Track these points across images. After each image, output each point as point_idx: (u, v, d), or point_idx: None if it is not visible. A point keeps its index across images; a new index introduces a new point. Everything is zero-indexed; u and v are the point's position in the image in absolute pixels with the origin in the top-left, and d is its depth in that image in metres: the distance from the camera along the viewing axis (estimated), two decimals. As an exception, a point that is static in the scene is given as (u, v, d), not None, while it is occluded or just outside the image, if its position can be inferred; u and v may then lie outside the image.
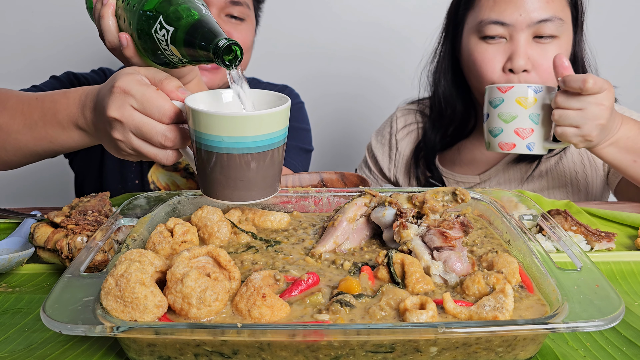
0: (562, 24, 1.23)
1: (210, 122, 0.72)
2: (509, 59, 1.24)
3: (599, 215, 1.08)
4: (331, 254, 0.76)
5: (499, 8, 1.23)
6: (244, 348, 0.59)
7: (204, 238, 0.79)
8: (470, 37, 1.30)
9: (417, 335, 0.56)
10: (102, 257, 0.78)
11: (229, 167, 0.74)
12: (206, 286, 0.60)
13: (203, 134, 0.73)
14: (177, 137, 0.79)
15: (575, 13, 1.28)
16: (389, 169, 1.56)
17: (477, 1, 1.28)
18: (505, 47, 1.25)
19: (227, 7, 1.36)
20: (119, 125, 0.79)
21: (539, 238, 0.89)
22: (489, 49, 1.26)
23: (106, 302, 0.59)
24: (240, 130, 0.71)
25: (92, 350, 0.67)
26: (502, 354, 0.60)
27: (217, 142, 0.72)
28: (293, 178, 1.11)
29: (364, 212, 0.81)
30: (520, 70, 1.23)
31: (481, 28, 1.26)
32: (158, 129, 0.78)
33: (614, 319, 0.56)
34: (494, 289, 0.63)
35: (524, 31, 1.22)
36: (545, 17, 1.21)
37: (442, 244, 0.70)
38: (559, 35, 1.24)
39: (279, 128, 0.75)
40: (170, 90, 0.80)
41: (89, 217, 0.89)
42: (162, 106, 0.77)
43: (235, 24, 1.38)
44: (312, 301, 0.63)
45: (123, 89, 0.78)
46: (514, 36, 1.23)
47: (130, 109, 0.78)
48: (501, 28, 1.23)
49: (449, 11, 1.39)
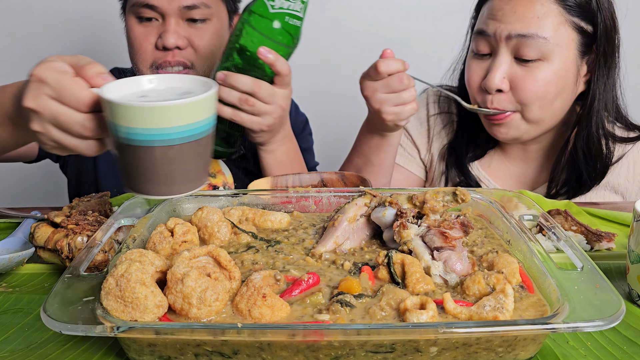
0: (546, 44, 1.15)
1: (123, 112, 0.66)
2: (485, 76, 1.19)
3: (599, 215, 1.08)
4: (331, 254, 0.76)
5: (487, 20, 1.18)
6: (244, 348, 0.59)
7: (204, 238, 0.79)
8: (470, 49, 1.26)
9: (417, 336, 0.56)
10: (102, 257, 0.78)
11: (147, 160, 0.68)
12: (206, 286, 0.60)
13: (117, 125, 0.67)
14: (96, 126, 0.72)
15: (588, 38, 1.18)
16: (427, 149, 1.43)
17: (481, 12, 1.22)
18: (487, 63, 1.20)
19: (185, 13, 1.31)
20: (36, 116, 0.74)
21: (539, 238, 0.89)
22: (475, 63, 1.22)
23: (106, 302, 0.59)
24: (155, 122, 0.66)
25: (92, 350, 0.67)
26: (502, 354, 0.60)
27: (133, 134, 0.66)
28: (293, 178, 1.11)
29: (364, 212, 0.81)
30: (493, 89, 1.18)
31: (473, 41, 1.21)
32: (75, 118, 0.72)
33: (614, 319, 0.56)
34: (494, 289, 0.63)
35: (504, 47, 1.16)
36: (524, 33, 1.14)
37: (443, 244, 0.70)
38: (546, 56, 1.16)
39: (200, 118, 0.68)
40: (91, 76, 0.73)
41: (89, 217, 0.89)
42: (79, 94, 0.72)
43: (197, 27, 1.34)
44: (313, 301, 0.63)
45: (39, 77, 0.73)
46: (496, 52, 1.17)
47: (45, 98, 0.73)
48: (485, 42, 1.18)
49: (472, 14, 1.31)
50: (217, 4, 1.37)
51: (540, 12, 1.15)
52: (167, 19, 1.32)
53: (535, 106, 1.19)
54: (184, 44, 1.33)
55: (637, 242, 0.75)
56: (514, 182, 1.37)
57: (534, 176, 1.36)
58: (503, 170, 1.38)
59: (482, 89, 1.20)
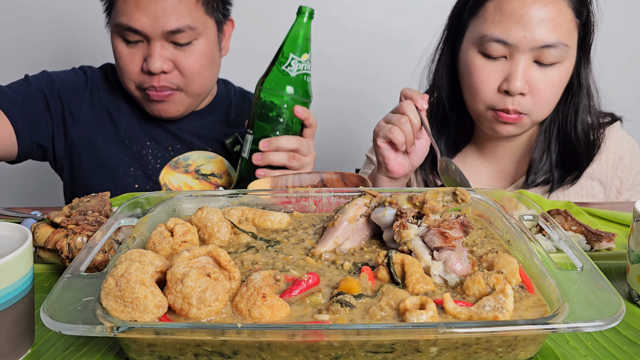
0: (566, 50, 1.16)
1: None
2: (505, 79, 1.18)
3: (599, 215, 1.08)
4: (331, 254, 0.76)
5: (504, 25, 1.16)
6: (244, 348, 0.59)
7: (204, 238, 0.79)
8: (470, 47, 1.24)
9: (417, 336, 0.56)
10: (102, 257, 0.78)
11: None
12: (206, 286, 0.60)
13: None
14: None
15: (583, 34, 1.22)
16: None
17: (483, 10, 1.21)
18: (504, 66, 1.19)
19: (170, 37, 1.31)
20: None
21: (539, 238, 0.89)
22: (487, 66, 1.20)
23: (106, 302, 0.59)
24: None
25: (92, 351, 0.67)
26: (502, 354, 0.60)
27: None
28: (293, 178, 1.11)
29: (364, 212, 0.81)
30: (516, 92, 1.17)
31: (482, 43, 1.19)
32: None
33: (614, 319, 0.56)
34: (494, 289, 0.63)
35: (526, 53, 1.16)
36: (550, 43, 1.14)
37: (442, 244, 0.70)
38: (562, 60, 1.18)
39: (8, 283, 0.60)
40: None
41: (89, 217, 0.89)
42: None
43: (183, 49, 1.34)
44: (312, 301, 0.63)
45: None
46: (515, 57, 1.17)
47: None
48: (502, 47, 1.17)
49: (452, 13, 1.32)
50: (203, 22, 1.36)
51: (563, 20, 1.15)
52: (151, 43, 1.31)
53: (547, 108, 1.22)
54: (170, 67, 1.33)
55: (637, 242, 0.75)
56: (490, 178, 1.40)
57: (512, 171, 1.39)
58: (478, 167, 1.40)
59: (501, 91, 1.20)
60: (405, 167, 1.20)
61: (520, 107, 1.19)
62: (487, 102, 1.22)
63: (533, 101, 1.19)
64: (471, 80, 1.23)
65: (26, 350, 0.66)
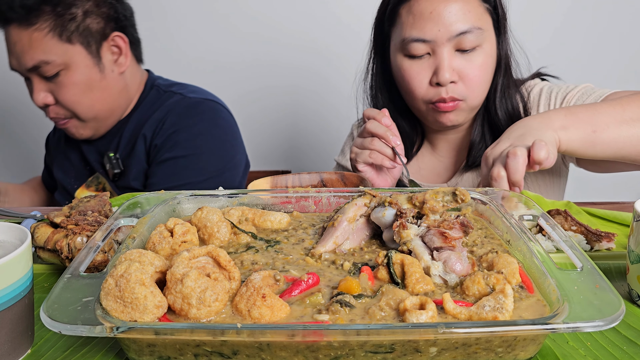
0: (482, 33, 1.24)
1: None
2: (434, 73, 1.26)
3: (599, 215, 1.08)
4: (331, 254, 0.76)
5: (418, 25, 1.24)
6: (244, 348, 0.59)
7: (203, 238, 0.79)
8: (396, 53, 1.32)
9: (417, 336, 0.56)
10: (102, 257, 0.78)
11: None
12: (206, 286, 0.60)
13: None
14: None
15: (496, 17, 1.30)
16: None
17: (398, 17, 1.29)
18: (429, 62, 1.27)
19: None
20: None
21: (539, 238, 0.89)
22: (414, 65, 1.28)
23: (106, 303, 0.59)
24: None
25: (92, 351, 0.67)
26: (502, 354, 0.60)
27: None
28: (293, 178, 1.11)
29: (364, 212, 0.81)
30: (446, 83, 1.25)
31: (405, 46, 1.27)
32: None
33: (614, 320, 0.56)
34: (494, 290, 0.63)
35: (445, 45, 1.24)
36: (464, 30, 1.22)
37: (442, 244, 0.70)
38: (481, 43, 1.25)
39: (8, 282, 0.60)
40: None
41: (89, 217, 0.89)
42: None
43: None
44: (312, 301, 0.63)
45: None
46: (437, 51, 1.25)
47: None
48: (423, 45, 1.25)
49: (374, 26, 1.39)
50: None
51: (470, 7, 1.24)
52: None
53: (480, 90, 1.29)
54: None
55: (637, 242, 0.75)
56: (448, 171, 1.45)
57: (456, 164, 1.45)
58: (435, 163, 1.47)
59: (433, 85, 1.27)
60: (388, 181, 1.28)
61: (455, 93, 1.27)
62: (424, 98, 1.30)
63: (465, 86, 1.27)
64: (404, 82, 1.31)
65: (26, 351, 0.66)
